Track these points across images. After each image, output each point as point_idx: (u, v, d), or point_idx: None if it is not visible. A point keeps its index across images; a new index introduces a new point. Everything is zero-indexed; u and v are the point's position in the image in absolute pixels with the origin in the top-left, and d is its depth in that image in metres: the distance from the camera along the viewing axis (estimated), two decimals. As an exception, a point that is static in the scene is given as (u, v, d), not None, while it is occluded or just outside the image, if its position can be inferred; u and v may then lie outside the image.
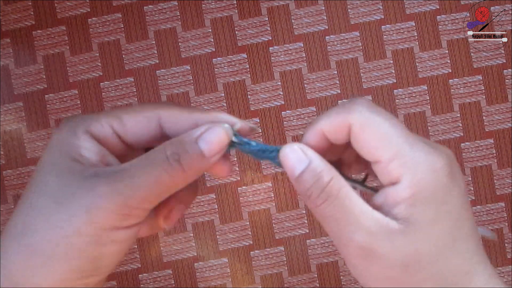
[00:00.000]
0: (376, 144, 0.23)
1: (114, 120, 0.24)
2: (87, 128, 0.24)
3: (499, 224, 0.59)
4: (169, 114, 0.25)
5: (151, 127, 0.25)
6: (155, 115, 0.25)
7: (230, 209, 0.59)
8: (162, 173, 0.22)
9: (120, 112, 0.25)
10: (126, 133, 0.25)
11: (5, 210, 0.58)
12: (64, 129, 0.24)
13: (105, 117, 0.25)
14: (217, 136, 0.24)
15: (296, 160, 0.24)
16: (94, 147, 0.24)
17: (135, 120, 0.25)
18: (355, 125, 0.23)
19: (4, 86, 0.59)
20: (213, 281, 0.59)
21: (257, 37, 0.60)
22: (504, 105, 0.60)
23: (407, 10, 0.60)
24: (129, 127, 0.25)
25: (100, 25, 0.60)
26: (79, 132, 0.23)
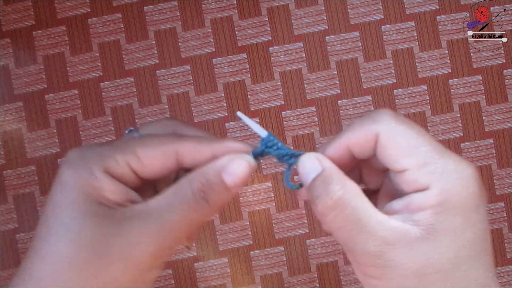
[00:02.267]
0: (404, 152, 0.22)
1: (131, 157, 0.24)
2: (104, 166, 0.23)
3: (499, 224, 0.59)
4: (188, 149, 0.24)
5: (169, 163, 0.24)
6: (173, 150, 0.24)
7: (230, 209, 0.59)
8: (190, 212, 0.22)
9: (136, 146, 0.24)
10: (143, 170, 0.24)
11: (5, 210, 0.58)
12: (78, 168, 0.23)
13: (120, 153, 0.23)
14: (240, 167, 0.23)
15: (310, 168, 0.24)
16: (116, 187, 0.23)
17: (153, 157, 0.24)
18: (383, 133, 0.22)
19: (4, 86, 0.59)
20: (213, 281, 0.59)
21: (257, 37, 0.60)
22: (504, 105, 0.60)
23: (407, 10, 0.60)
24: (147, 164, 0.24)
25: (100, 25, 0.60)
26: (97, 172, 0.22)
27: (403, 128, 0.23)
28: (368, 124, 0.23)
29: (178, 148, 0.25)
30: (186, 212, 0.23)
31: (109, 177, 0.23)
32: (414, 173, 0.22)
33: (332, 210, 0.22)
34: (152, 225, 0.22)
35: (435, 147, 0.22)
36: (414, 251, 0.21)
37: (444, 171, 0.22)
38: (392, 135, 0.23)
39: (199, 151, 0.25)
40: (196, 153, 0.25)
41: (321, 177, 0.23)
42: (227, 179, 0.23)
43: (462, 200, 0.21)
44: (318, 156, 0.24)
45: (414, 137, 0.23)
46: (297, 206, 0.59)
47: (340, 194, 0.22)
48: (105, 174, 0.23)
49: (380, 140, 0.23)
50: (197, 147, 0.25)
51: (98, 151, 0.24)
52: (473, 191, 0.22)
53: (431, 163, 0.22)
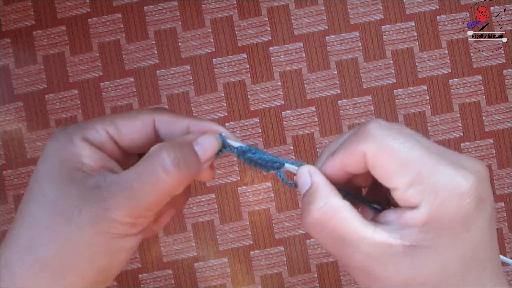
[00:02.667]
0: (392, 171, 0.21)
1: (109, 126, 0.24)
2: (83, 135, 0.24)
3: (499, 224, 0.59)
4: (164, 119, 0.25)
5: (146, 131, 0.25)
6: (150, 119, 0.25)
7: (230, 209, 0.59)
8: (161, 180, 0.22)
9: (115, 117, 0.25)
10: (121, 138, 0.25)
11: (5, 210, 0.58)
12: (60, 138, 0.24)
13: (100, 123, 0.24)
14: (211, 142, 0.24)
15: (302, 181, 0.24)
16: (94, 154, 0.23)
17: (130, 125, 0.25)
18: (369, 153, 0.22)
19: (4, 86, 0.59)
20: (213, 281, 0.59)
21: (257, 37, 0.60)
22: (504, 105, 0.60)
23: (407, 10, 0.60)
24: (125, 132, 0.25)
25: (100, 25, 0.60)
26: (76, 140, 0.23)
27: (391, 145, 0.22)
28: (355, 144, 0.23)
29: (154, 116, 0.25)
30: (156, 180, 0.23)
31: (87, 143, 0.24)
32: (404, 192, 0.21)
33: (315, 227, 0.22)
34: (121, 192, 0.22)
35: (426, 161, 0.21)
36: (398, 266, 0.21)
37: (433, 189, 0.21)
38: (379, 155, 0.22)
39: (174, 122, 0.25)
40: (172, 123, 0.25)
41: (308, 193, 0.23)
42: (198, 150, 0.24)
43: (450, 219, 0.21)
44: (311, 169, 0.24)
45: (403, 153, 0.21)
46: (297, 206, 0.59)
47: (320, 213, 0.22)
48: (84, 141, 0.24)
49: (368, 160, 0.22)
50: (173, 118, 0.26)
51: (79, 124, 0.25)
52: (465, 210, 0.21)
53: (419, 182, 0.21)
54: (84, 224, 0.22)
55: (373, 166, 0.23)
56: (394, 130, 0.22)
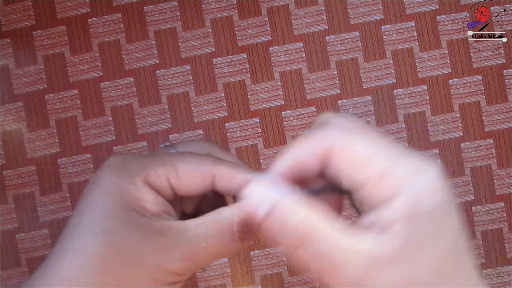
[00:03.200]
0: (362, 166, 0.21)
1: (171, 173, 0.24)
2: (145, 178, 0.23)
3: (499, 224, 0.59)
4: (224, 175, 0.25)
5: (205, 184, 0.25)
6: (210, 173, 0.25)
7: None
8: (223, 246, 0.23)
9: (176, 162, 0.24)
10: (180, 186, 0.25)
11: (5, 210, 0.58)
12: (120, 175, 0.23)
13: (162, 167, 0.24)
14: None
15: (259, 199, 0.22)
16: (156, 200, 0.23)
17: (191, 175, 0.25)
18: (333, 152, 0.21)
19: (4, 86, 0.59)
20: (213, 281, 0.59)
21: (257, 37, 0.60)
22: (504, 105, 0.60)
23: (407, 10, 0.60)
24: (184, 181, 0.25)
25: (100, 25, 0.60)
26: (138, 182, 0.23)
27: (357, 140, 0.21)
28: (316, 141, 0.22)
29: (215, 170, 0.25)
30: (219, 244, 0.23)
31: (150, 189, 0.24)
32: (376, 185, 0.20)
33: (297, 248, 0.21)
34: (185, 245, 0.23)
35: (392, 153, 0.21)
36: (388, 274, 0.20)
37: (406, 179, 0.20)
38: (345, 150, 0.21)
39: (234, 178, 0.25)
40: (231, 180, 0.25)
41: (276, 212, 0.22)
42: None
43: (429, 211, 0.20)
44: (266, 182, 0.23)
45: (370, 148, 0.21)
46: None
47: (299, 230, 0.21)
48: (146, 185, 0.24)
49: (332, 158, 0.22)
50: (234, 174, 0.25)
51: (140, 161, 0.25)
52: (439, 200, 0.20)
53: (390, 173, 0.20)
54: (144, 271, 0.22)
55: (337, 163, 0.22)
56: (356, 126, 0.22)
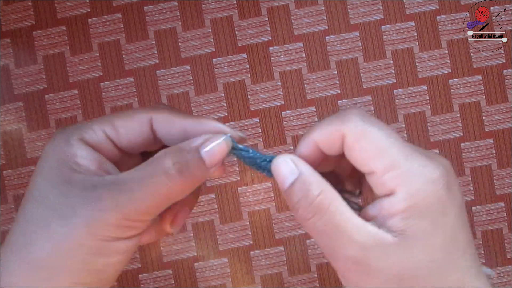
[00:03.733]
0: (370, 155, 0.22)
1: (107, 126, 0.24)
2: (80, 135, 0.24)
3: (499, 224, 0.59)
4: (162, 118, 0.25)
5: (144, 131, 0.25)
6: (147, 118, 0.25)
7: (230, 209, 0.59)
8: (162, 185, 0.22)
9: (112, 117, 0.25)
10: (119, 138, 0.25)
11: (5, 210, 0.58)
12: (57, 138, 0.24)
13: (97, 123, 0.24)
14: (219, 147, 0.24)
15: (287, 171, 0.24)
16: (90, 155, 0.23)
17: (127, 125, 0.25)
18: (349, 135, 0.22)
19: (4, 86, 0.59)
20: (213, 281, 0.59)
21: (257, 37, 0.60)
22: (504, 105, 0.60)
23: (407, 10, 0.60)
24: (122, 132, 0.25)
25: (100, 25, 0.60)
26: (73, 140, 0.23)
27: (371, 130, 0.23)
28: (335, 124, 0.23)
29: (151, 115, 0.25)
30: (157, 185, 0.23)
31: (83, 144, 0.24)
32: (381, 176, 0.22)
33: (313, 216, 0.23)
34: (118, 196, 0.22)
35: (402, 149, 0.22)
36: (390, 257, 0.21)
37: (409, 175, 0.22)
38: (359, 137, 0.22)
39: (172, 122, 0.25)
40: (169, 122, 0.25)
41: (299, 181, 0.23)
42: (205, 156, 0.23)
43: (428, 204, 0.21)
44: (294, 158, 0.24)
45: (382, 139, 0.22)
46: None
47: (319, 199, 0.22)
48: (80, 141, 0.24)
49: (347, 141, 0.23)
50: (171, 117, 0.25)
51: (78, 125, 0.25)
52: (439, 195, 0.22)
53: (396, 167, 0.22)
54: (78, 224, 0.22)
55: (351, 148, 0.23)
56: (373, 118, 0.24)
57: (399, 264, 0.21)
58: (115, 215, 0.22)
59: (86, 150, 0.23)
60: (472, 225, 0.60)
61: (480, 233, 0.59)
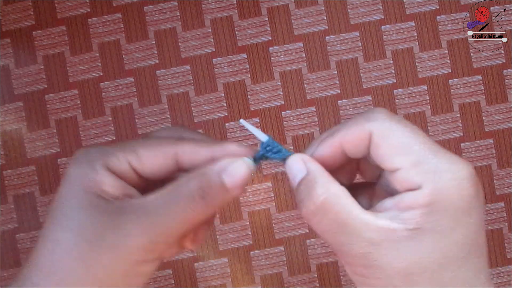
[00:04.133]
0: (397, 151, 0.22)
1: (132, 156, 0.24)
2: (105, 163, 0.24)
3: (499, 224, 0.59)
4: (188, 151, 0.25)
5: (168, 163, 0.25)
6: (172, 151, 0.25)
7: (230, 209, 0.59)
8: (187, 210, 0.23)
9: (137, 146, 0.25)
10: (143, 169, 0.25)
11: (5, 210, 0.58)
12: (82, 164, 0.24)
13: (122, 151, 0.24)
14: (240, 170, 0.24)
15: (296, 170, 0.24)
16: (115, 182, 0.24)
17: (152, 156, 0.25)
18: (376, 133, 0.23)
19: (4, 86, 0.59)
20: (213, 281, 0.59)
21: (257, 37, 0.60)
22: (504, 105, 0.60)
23: (407, 10, 0.60)
24: (146, 162, 0.25)
25: (100, 25, 0.60)
26: (98, 167, 0.24)
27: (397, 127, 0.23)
28: (362, 122, 0.23)
29: (177, 148, 0.25)
30: (182, 209, 0.23)
31: (109, 172, 0.24)
32: (407, 172, 0.22)
33: (316, 215, 0.23)
34: (145, 219, 0.23)
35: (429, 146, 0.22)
36: (401, 251, 0.21)
37: (437, 170, 0.22)
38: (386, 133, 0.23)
39: (197, 152, 0.25)
40: (194, 154, 0.25)
41: (305, 180, 0.23)
42: (227, 180, 0.24)
43: (453, 201, 0.21)
44: (304, 157, 0.24)
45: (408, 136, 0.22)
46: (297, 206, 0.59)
47: (323, 199, 0.22)
48: (106, 169, 0.24)
49: (374, 138, 0.23)
50: (196, 148, 0.25)
51: (101, 149, 0.25)
52: (466, 193, 0.21)
53: (424, 162, 0.22)
54: (106, 251, 0.22)
55: (378, 144, 0.23)
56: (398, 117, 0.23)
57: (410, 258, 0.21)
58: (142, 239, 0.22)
59: (111, 178, 0.24)
60: (472, 225, 0.60)
61: (480, 233, 0.59)
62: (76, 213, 0.23)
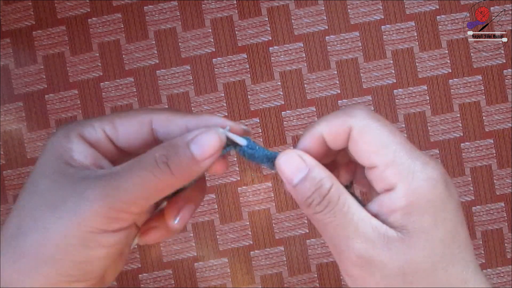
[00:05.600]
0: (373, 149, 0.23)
1: (107, 124, 0.24)
2: (80, 132, 0.24)
3: (499, 224, 0.59)
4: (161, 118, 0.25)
5: (143, 131, 0.25)
6: (147, 119, 0.25)
7: (230, 209, 0.59)
8: (149, 175, 0.22)
9: (113, 116, 0.25)
10: (118, 137, 0.25)
11: (5, 210, 0.58)
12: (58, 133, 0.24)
13: (98, 121, 0.25)
14: (210, 140, 0.23)
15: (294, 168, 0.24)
16: (86, 150, 0.24)
17: (127, 124, 0.25)
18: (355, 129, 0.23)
19: (4, 86, 0.59)
20: (213, 281, 0.59)
21: (257, 37, 0.60)
22: (504, 105, 0.60)
23: (407, 10, 0.60)
24: (121, 131, 0.25)
25: (100, 25, 0.60)
26: (72, 136, 0.24)
27: (376, 125, 0.23)
28: (342, 117, 0.24)
29: (152, 116, 0.25)
30: (144, 175, 0.23)
31: (81, 141, 0.24)
32: (383, 171, 0.22)
33: (324, 208, 0.23)
34: (104, 185, 0.22)
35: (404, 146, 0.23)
36: (393, 251, 0.22)
37: (410, 171, 0.22)
38: (364, 131, 0.23)
39: (171, 120, 0.25)
40: (168, 122, 0.25)
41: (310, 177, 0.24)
42: (194, 149, 0.23)
43: (429, 200, 0.22)
44: (300, 153, 0.24)
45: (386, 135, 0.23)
46: (297, 206, 0.59)
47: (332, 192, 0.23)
48: (79, 138, 0.24)
49: (353, 134, 0.23)
50: (171, 117, 0.25)
51: (79, 122, 0.25)
52: (439, 191, 0.22)
53: (398, 163, 0.22)
54: (64, 215, 0.22)
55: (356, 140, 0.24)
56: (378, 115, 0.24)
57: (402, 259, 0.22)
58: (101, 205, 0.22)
59: (83, 146, 0.24)
60: (472, 225, 0.60)
61: (480, 233, 0.59)
62: (42, 179, 0.23)
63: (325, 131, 0.24)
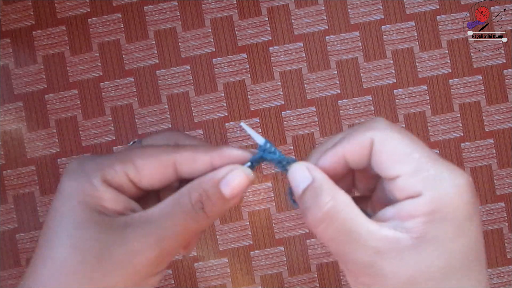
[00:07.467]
0: (397, 158, 0.22)
1: (129, 167, 0.24)
2: (103, 176, 0.23)
3: (499, 224, 0.59)
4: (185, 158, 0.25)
5: (167, 173, 0.25)
6: (170, 160, 0.25)
7: (230, 209, 0.59)
8: (190, 222, 0.23)
9: (134, 156, 0.24)
10: (141, 181, 0.24)
11: (5, 210, 0.58)
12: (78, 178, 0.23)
13: (119, 163, 0.24)
14: (238, 180, 0.24)
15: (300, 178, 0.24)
16: (115, 197, 0.23)
17: (150, 167, 0.24)
18: (377, 141, 0.23)
19: (4, 86, 0.59)
20: (213, 281, 0.59)
21: (257, 37, 0.60)
22: (504, 105, 0.60)
23: (407, 10, 0.60)
24: (145, 174, 0.24)
25: (100, 25, 0.60)
26: (96, 182, 0.23)
27: (398, 135, 0.23)
28: (363, 131, 0.23)
29: (175, 157, 0.25)
30: (184, 222, 0.23)
31: (107, 186, 0.24)
32: (407, 179, 0.22)
33: (322, 222, 0.23)
34: (151, 234, 0.23)
35: (429, 154, 0.23)
36: (405, 260, 0.21)
37: (437, 178, 0.22)
38: (387, 141, 0.23)
39: (196, 160, 0.25)
40: (193, 162, 0.25)
41: (311, 188, 0.23)
42: (224, 190, 0.24)
43: (455, 209, 0.21)
44: (308, 165, 0.24)
45: (408, 144, 0.23)
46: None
47: (329, 206, 0.22)
48: (104, 183, 0.24)
49: (375, 146, 0.23)
50: (194, 156, 0.25)
51: (97, 161, 0.24)
52: (466, 200, 0.22)
53: (424, 170, 0.22)
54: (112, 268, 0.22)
55: (379, 152, 0.23)
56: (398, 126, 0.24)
57: (414, 267, 0.21)
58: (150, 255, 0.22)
59: (111, 193, 0.23)
60: (472, 225, 0.60)
61: (480, 233, 0.59)
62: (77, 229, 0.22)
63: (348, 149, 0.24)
